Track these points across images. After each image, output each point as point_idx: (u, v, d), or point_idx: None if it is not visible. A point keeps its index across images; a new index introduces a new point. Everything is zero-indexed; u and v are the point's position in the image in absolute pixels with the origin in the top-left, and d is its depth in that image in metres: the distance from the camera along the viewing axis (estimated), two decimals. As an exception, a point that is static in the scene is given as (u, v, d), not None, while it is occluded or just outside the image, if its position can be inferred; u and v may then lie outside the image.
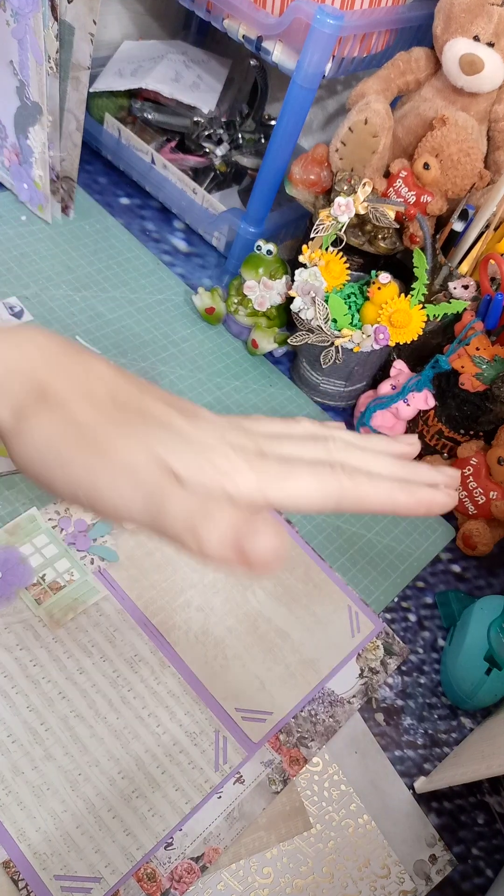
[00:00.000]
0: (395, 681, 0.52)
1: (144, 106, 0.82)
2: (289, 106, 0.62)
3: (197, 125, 0.81)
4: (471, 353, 0.59)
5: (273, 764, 0.46)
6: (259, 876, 0.42)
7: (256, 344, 0.68)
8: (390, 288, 0.61)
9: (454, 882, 0.45)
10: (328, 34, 0.56)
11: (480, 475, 0.59)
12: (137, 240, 0.77)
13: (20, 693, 0.44)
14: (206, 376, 0.66)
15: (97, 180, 0.82)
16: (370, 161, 0.63)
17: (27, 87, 0.64)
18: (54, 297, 0.67)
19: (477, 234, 0.63)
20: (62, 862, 0.40)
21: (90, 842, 0.41)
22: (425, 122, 0.66)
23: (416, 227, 0.64)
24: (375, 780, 0.47)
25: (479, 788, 0.49)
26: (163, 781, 0.43)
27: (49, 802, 0.41)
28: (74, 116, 0.67)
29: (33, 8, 0.59)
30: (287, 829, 0.44)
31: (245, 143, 0.84)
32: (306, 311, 0.62)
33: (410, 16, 0.65)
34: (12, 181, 0.73)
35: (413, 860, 0.45)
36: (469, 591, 0.60)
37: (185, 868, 0.41)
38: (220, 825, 0.43)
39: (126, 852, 0.41)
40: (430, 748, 0.50)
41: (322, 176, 0.67)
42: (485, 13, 0.58)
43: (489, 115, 0.65)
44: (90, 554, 0.51)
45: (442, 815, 0.47)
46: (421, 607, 0.57)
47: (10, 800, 0.41)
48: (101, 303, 0.69)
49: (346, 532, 0.59)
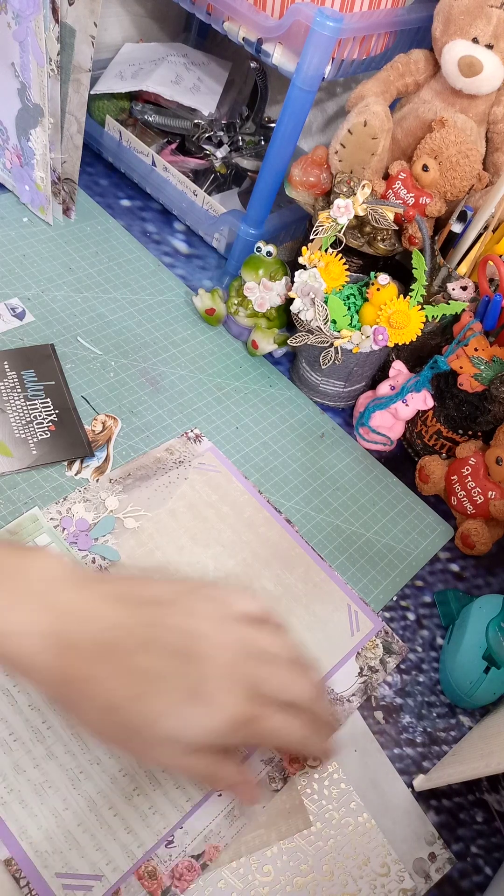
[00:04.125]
0: (395, 679, 0.53)
1: (145, 108, 0.82)
2: (288, 108, 0.62)
3: (197, 127, 0.82)
4: (469, 353, 0.59)
5: (273, 762, 0.46)
6: (259, 874, 0.42)
7: (256, 345, 0.69)
8: (389, 289, 0.61)
9: (453, 880, 0.45)
10: (328, 36, 0.57)
11: (479, 475, 0.60)
12: (138, 241, 0.77)
13: (22, 691, 0.44)
14: (207, 377, 0.67)
15: (98, 182, 0.83)
16: (369, 163, 0.64)
17: (28, 89, 0.65)
18: (56, 299, 0.67)
19: (475, 235, 0.63)
20: (63, 860, 0.40)
21: (91, 839, 0.41)
22: (424, 124, 0.66)
23: (414, 229, 0.64)
24: (375, 778, 0.48)
25: (478, 786, 0.50)
26: (164, 779, 0.44)
27: (51, 800, 0.41)
28: (75, 118, 0.68)
29: (34, 10, 0.59)
30: (287, 827, 0.44)
31: (245, 145, 0.84)
32: (306, 313, 0.62)
33: (409, 18, 0.65)
34: (14, 183, 0.74)
35: (412, 858, 0.45)
36: (468, 590, 0.60)
37: (185, 866, 0.41)
38: (221, 823, 0.43)
39: (127, 850, 0.41)
40: (428, 746, 0.50)
41: (321, 178, 0.67)
42: (484, 15, 0.59)
43: (488, 117, 0.66)
44: (92, 553, 0.52)
45: (441, 813, 0.48)
46: (420, 606, 0.58)
47: (11, 797, 0.41)
48: (103, 304, 0.69)
49: (346, 531, 0.60)
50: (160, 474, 0.58)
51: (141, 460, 0.58)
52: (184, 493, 0.57)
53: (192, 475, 0.59)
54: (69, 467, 0.56)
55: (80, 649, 0.36)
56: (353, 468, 0.65)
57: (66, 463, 0.56)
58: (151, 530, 0.54)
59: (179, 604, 0.39)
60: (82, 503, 0.54)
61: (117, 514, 0.54)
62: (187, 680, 0.37)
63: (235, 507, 0.58)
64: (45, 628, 0.35)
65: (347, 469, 0.64)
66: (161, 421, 0.62)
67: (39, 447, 0.55)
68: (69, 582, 0.38)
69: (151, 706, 0.36)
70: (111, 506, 0.54)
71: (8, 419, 0.56)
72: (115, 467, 0.57)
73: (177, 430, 0.61)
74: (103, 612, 0.37)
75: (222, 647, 0.38)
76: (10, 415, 0.57)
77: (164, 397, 0.63)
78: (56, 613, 0.36)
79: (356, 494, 0.63)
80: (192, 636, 0.38)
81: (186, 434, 0.61)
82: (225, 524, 0.56)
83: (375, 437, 0.65)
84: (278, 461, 0.63)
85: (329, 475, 0.63)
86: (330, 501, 0.61)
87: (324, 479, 0.63)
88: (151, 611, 0.38)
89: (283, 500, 0.60)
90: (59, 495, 0.54)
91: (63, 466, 0.56)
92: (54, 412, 0.58)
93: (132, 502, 0.55)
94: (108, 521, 0.53)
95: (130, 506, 0.55)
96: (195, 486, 0.58)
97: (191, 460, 0.60)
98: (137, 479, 0.57)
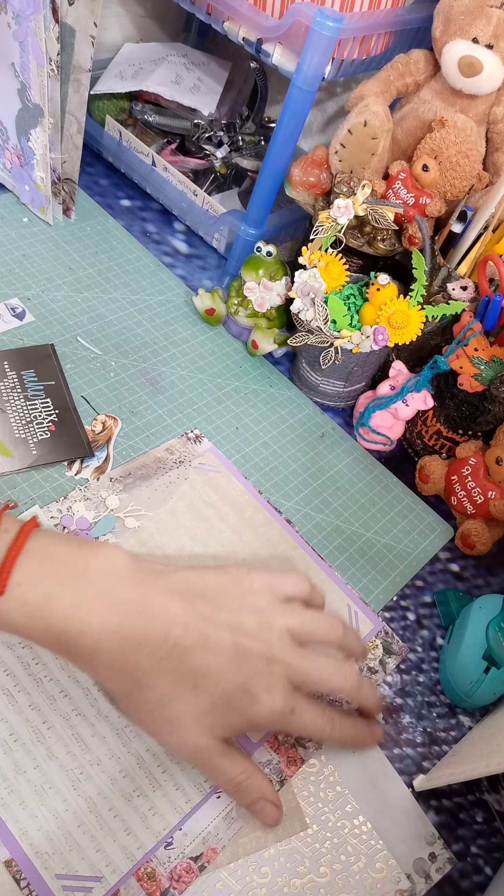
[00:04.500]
0: (394, 679, 0.53)
1: (145, 108, 0.82)
2: (288, 108, 0.62)
3: (197, 127, 0.81)
4: (469, 353, 0.59)
5: (271, 764, 0.46)
6: (257, 875, 0.42)
7: (256, 345, 0.69)
8: (389, 289, 0.61)
9: (453, 880, 0.45)
10: (328, 36, 0.57)
11: (479, 475, 0.60)
12: (138, 241, 0.77)
13: (22, 691, 0.44)
14: (207, 377, 0.67)
15: (98, 182, 0.83)
16: (369, 163, 0.64)
17: (28, 89, 0.65)
18: (56, 299, 0.67)
19: (475, 235, 0.63)
20: (63, 861, 0.40)
21: (91, 841, 0.41)
22: (424, 124, 0.66)
23: (414, 229, 0.64)
24: (374, 778, 0.48)
25: (478, 786, 0.50)
26: (164, 780, 0.44)
27: (51, 801, 0.41)
28: (75, 118, 0.68)
29: (34, 10, 0.59)
30: (283, 829, 0.44)
31: (245, 145, 0.84)
32: (306, 313, 0.62)
33: (409, 18, 0.65)
34: (14, 183, 0.74)
35: (412, 858, 0.45)
36: (468, 590, 0.60)
37: (184, 867, 0.41)
38: (219, 825, 0.43)
39: (127, 851, 0.41)
40: (428, 746, 0.50)
41: (321, 178, 0.67)
42: (484, 15, 0.59)
43: (488, 117, 0.66)
44: (91, 554, 0.52)
45: (441, 813, 0.48)
46: (420, 606, 0.57)
47: (12, 798, 0.41)
48: (103, 304, 0.69)
49: (346, 531, 0.60)
50: (160, 474, 0.58)
51: (141, 460, 0.58)
52: (184, 492, 0.57)
53: (193, 475, 0.59)
54: (69, 467, 0.56)
55: (141, 645, 0.39)
56: (353, 468, 0.65)
57: (67, 463, 0.56)
58: (152, 529, 0.54)
59: (230, 596, 0.43)
60: (83, 502, 0.54)
61: (118, 514, 0.54)
62: (237, 675, 0.40)
63: (236, 507, 0.58)
64: (108, 625, 0.38)
65: (347, 469, 0.64)
66: (161, 421, 0.62)
67: (39, 447, 0.55)
68: (130, 579, 0.40)
69: (203, 699, 0.40)
70: (112, 505, 0.54)
71: (8, 419, 0.56)
72: (116, 467, 0.57)
73: (177, 430, 0.61)
74: (162, 608, 0.40)
75: (266, 643, 0.41)
76: (10, 415, 0.57)
77: (164, 397, 0.63)
78: (119, 611, 0.38)
79: (356, 494, 0.63)
80: (241, 632, 0.41)
81: (187, 434, 0.61)
82: (225, 524, 0.56)
83: (375, 437, 0.65)
84: (278, 461, 0.63)
85: (329, 475, 0.63)
86: (330, 501, 0.61)
87: (324, 479, 0.63)
88: (205, 606, 0.41)
89: (283, 500, 0.60)
90: (59, 495, 0.54)
91: (63, 466, 0.56)
92: (54, 412, 0.58)
93: (133, 501, 0.55)
94: (109, 520, 0.53)
95: (131, 505, 0.55)
96: (195, 486, 0.58)
97: (191, 460, 0.60)
98: (138, 479, 0.57)
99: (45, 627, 0.37)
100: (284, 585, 0.45)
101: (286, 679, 0.41)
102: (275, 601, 0.44)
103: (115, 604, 0.39)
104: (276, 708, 0.41)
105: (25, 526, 0.39)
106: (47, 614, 0.37)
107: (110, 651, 0.38)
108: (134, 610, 0.39)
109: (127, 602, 0.39)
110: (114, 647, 0.38)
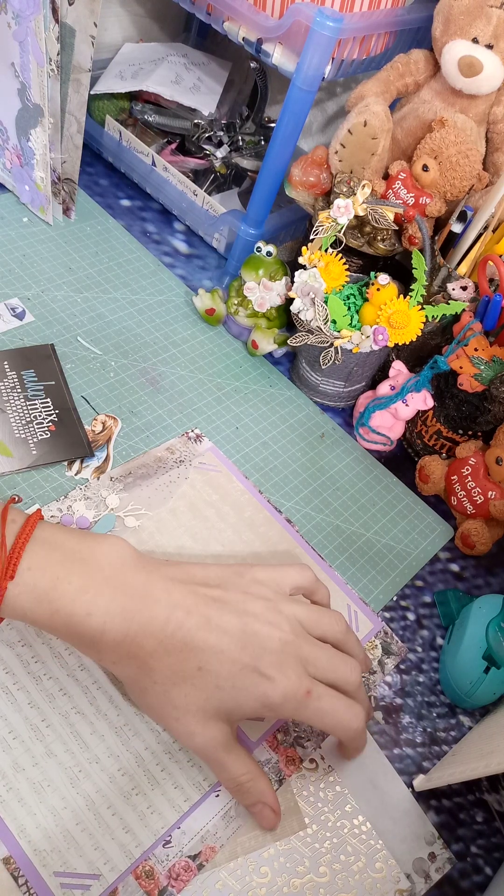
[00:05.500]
0: (394, 679, 0.53)
1: (145, 108, 0.82)
2: (288, 108, 0.62)
3: (197, 127, 0.82)
4: (469, 353, 0.59)
5: (270, 763, 0.46)
6: (256, 875, 0.42)
7: (256, 345, 0.69)
8: (389, 289, 0.61)
9: (453, 880, 0.45)
10: (328, 36, 0.57)
11: (479, 475, 0.60)
12: (138, 241, 0.77)
13: (21, 689, 0.44)
14: (207, 377, 0.67)
15: (98, 182, 0.83)
16: (369, 163, 0.64)
17: (28, 89, 0.65)
18: (56, 299, 0.67)
19: (475, 235, 0.63)
20: (62, 859, 0.40)
21: (90, 839, 0.41)
22: (424, 124, 0.66)
23: (414, 229, 0.64)
24: (374, 778, 0.47)
25: (478, 786, 0.50)
26: (162, 779, 0.44)
27: (49, 799, 0.41)
28: (75, 118, 0.68)
29: (34, 10, 0.59)
30: (282, 828, 0.44)
31: (245, 145, 0.84)
32: (306, 313, 0.62)
33: (409, 18, 0.65)
34: (14, 183, 0.74)
35: (412, 858, 0.45)
36: (467, 590, 0.60)
37: (182, 866, 0.41)
38: (217, 824, 0.43)
39: (125, 850, 0.41)
40: (428, 746, 0.50)
41: (321, 178, 0.67)
42: (484, 15, 0.59)
43: (488, 117, 0.66)
44: (90, 553, 0.52)
45: (441, 813, 0.48)
46: (420, 606, 0.57)
47: (10, 796, 0.41)
48: (103, 304, 0.69)
49: (346, 531, 0.60)
50: (161, 473, 0.58)
51: (142, 459, 0.58)
52: (184, 492, 0.57)
53: (193, 475, 0.59)
54: (69, 467, 0.56)
55: (144, 627, 0.39)
56: (353, 468, 0.65)
57: (67, 463, 0.56)
58: (152, 529, 0.54)
59: (234, 586, 0.43)
60: (83, 501, 0.54)
61: (118, 513, 0.54)
62: (244, 654, 0.40)
63: (236, 506, 0.58)
64: (114, 608, 0.39)
65: (347, 469, 0.64)
66: (161, 421, 0.62)
67: (39, 447, 0.55)
68: (134, 566, 0.41)
69: (208, 680, 0.39)
70: (112, 504, 0.54)
71: (8, 419, 0.56)
72: (116, 466, 0.57)
73: (177, 430, 0.61)
74: (165, 591, 0.40)
75: (274, 625, 0.41)
76: (10, 415, 0.57)
77: (164, 397, 0.63)
78: (124, 594, 0.39)
79: (356, 494, 0.63)
80: (248, 615, 0.41)
81: (187, 434, 0.61)
82: (225, 524, 0.56)
83: (375, 437, 0.65)
84: (278, 461, 0.63)
85: (329, 475, 0.63)
86: (330, 501, 0.61)
87: (324, 479, 0.63)
88: (210, 591, 0.42)
89: (283, 500, 0.60)
90: (59, 495, 0.54)
91: (63, 466, 0.56)
92: (54, 412, 0.58)
93: (133, 501, 0.55)
94: (109, 520, 0.53)
95: (131, 504, 0.55)
96: (196, 486, 0.58)
97: (191, 460, 0.60)
98: (138, 478, 0.57)
99: (53, 611, 0.38)
100: (288, 577, 0.45)
101: (299, 660, 0.41)
102: (280, 592, 0.44)
103: (120, 587, 0.39)
104: (290, 687, 0.40)
105: (31, 517, 0.40)
106: (55, 598, 0.38)
107: (115, 633, 0.39)
108: (138, 593, 0.40)
109: (132, 586, 0.40)
110: (119, 629, 0.39)
